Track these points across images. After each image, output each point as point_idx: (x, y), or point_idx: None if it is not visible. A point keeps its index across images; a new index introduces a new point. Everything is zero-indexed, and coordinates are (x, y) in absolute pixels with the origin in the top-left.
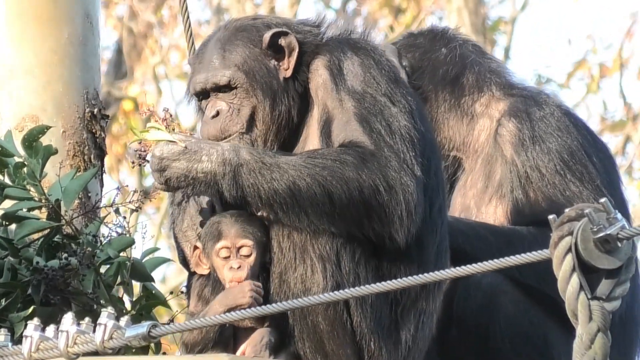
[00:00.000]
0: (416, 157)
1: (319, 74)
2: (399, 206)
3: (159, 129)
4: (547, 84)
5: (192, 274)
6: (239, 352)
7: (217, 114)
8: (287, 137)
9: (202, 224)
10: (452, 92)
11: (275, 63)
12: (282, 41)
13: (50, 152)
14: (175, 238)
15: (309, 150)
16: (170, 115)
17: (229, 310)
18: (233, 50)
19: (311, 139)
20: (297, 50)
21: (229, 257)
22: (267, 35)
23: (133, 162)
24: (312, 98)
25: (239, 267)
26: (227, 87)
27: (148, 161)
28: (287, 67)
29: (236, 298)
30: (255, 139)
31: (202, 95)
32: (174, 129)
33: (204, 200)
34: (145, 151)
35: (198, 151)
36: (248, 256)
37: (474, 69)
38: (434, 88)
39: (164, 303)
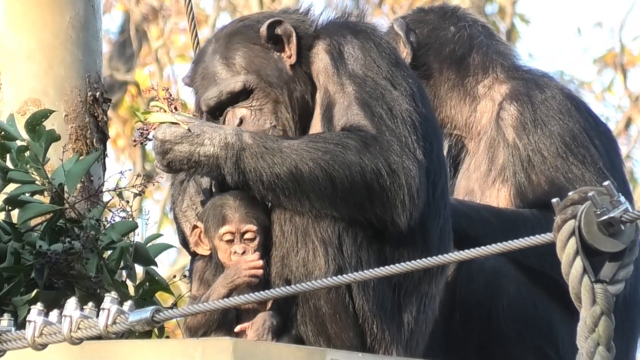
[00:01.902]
0: (418, 141)
1: (319, 59)
2: (401, 190)
3: (161, 108)
4: (570, 82)
5: (194, 257)
6: (237, 329)
7: (241, 121)
8: (307, 122)
9: (202, 204)
10: (456, 72)
11: (277, 54)
12: (279, 30)
13: (53, 137)
14: (176, 218)
15: (311, 134)
16: (170, 95)
17: (231, 291)
18: (235, 56)
19: (314, 123)
20: (294, 35)
21: (232, 240)
22: (263, 28)
23: (134, 141)
24: (313, 83)
25: (243, 252)
26: (243, 93)
27: (150, 139)
28: (289, 54)
29: (233, 279)
30: (284, 131)
31: (217, 110)
32: (176, 108)
33: (204, 180)
34: (147, 130)
35: (201, 134)
36: (252, 240)
37: (481, 50)
38: (439, 66)
39: (166, 288)
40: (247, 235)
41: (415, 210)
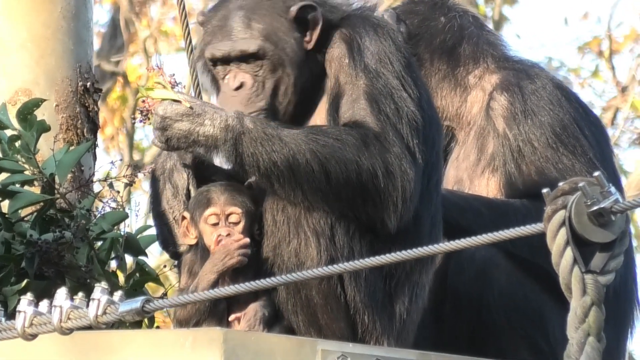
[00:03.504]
0: (419, 145)
1: (336, 46)
2: (395, 192)
3: (164, 86)
4: (559, 68)
5: (175, 257)
6: (232, 318)
7: (241, 85)
8: (301, 109)
9: (179, 206)
10: (447, 62)
11: (298, 35)
12: (309, 15)
13: (44, 127)
14: (154, 219)
15: (312, 125)
16: (175, 80)
17: (220, 275)
18: (260, 20)
19: (320, 110)
20: (320, 25)
21: (217, 223)
22: (294, 8)
23: (134, 118)
24: (326, 69)
25: (228, 234)
26: (253, 57)
27: (149, 118)
28: (309, 40)
29: (224, 261)
30: (275, 114)
31: (221, 63)
32: (179, 91)
33: (180, 183)
34: (147, 108)
35: (202, 114)
36: (237, 223)
37: (472, 40)
38: (430, 56)
39: (156, 279)
40: (231, 218)
41: (406, 214)
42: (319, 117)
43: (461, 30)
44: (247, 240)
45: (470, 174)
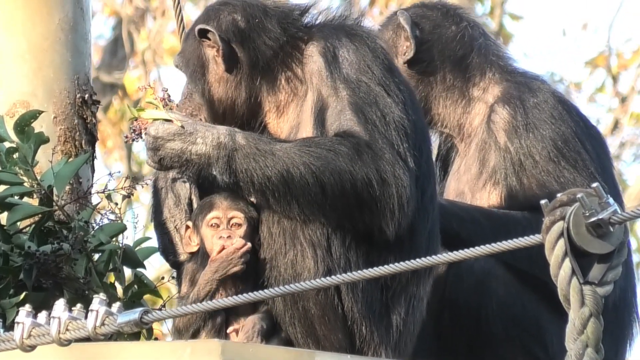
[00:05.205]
0: (409, 149)
1: (313, 61)
2: (391, 199)
3: (156, 106)
4: (560, 82)
5: (175, 266)
6: (230, 330)
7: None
8: (245, 121)
9: (188, 208)
10: (455, 72)
11: (213, 54)
12: (211, 36)
13: (42, 139)
14: (155, 228)
15: (304, 138)
16: (169, 96)
17: (221, 282)
18: (186, 37)
19: (304, 124)
20: (220, 47)
21: (219, 226)
22: (196, 30)
23: (126, 137)
24: (306, 84)
25: (229, 236)
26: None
27: (142, 137)
28: (218, 62)
29: (228, 269)
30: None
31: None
32: (171, 109)
33: (182, 192)
34: (140, 128)
35: (194, 133)
36: (239, 226)
37: (481, 52)
38: (438, 64)
39: (155, 291)
40: (234, 221)
41: (403, 220)
42: (304, 130)
43: (471, 41)
44: (249, 245)
45: (472, 186)
